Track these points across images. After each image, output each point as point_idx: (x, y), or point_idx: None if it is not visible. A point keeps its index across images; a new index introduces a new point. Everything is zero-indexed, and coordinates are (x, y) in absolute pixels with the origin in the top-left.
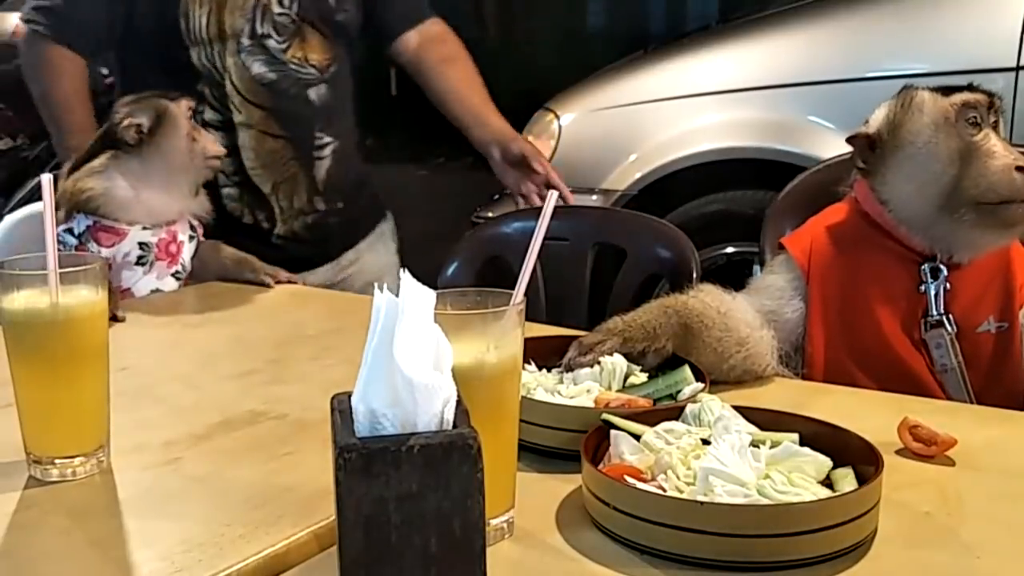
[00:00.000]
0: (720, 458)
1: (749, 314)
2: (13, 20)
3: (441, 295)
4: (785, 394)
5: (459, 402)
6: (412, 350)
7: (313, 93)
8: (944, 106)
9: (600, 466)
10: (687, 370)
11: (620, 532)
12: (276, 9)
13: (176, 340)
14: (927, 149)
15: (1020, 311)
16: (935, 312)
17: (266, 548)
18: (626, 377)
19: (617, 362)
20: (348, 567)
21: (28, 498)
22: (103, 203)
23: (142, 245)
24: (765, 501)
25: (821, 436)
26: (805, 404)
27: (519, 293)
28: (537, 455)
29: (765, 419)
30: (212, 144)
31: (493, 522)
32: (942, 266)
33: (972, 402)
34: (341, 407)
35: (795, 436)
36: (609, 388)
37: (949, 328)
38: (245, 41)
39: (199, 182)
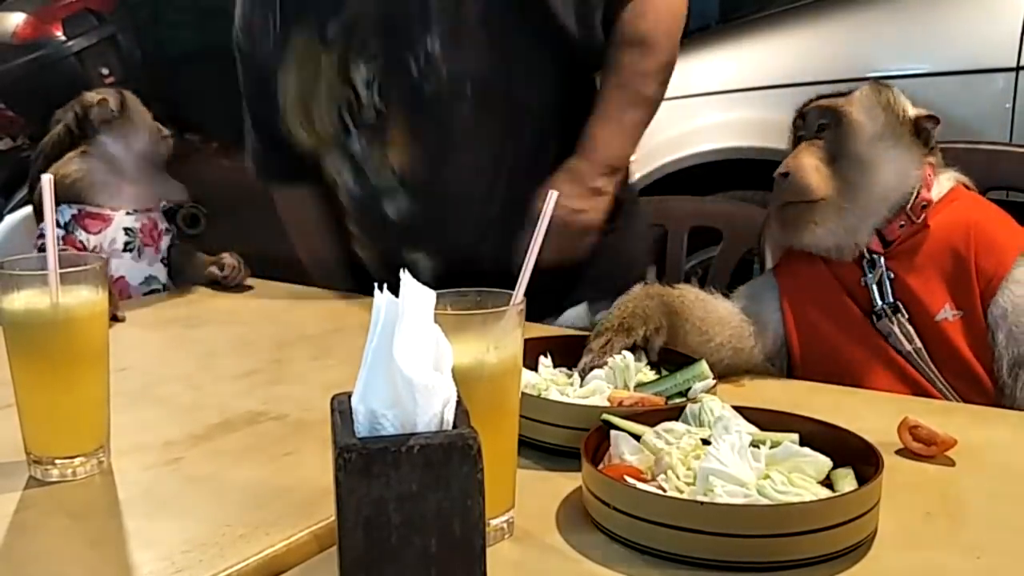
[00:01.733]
0: (720, 458)
1: (727, 309)
2: (13, 20)
3: (441, 295)
4: (785, 394)
5: (459, 402)
6: (412, 350)
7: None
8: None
9: (600, 466)
10: (703, 365)
11: (620, 532)
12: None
13: (176, 340)
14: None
15: (992, 299)
16: (878, 302)
17: (266, 548)
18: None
19: (628, 360)
20: (348, 567)
21: (28, 498)
22: (86, 187)
23: (127, 231)
24: (765, 501)
25: (821, 436)
26: (805, 404)
27: (519, 293)
28: (547, 453)
29: (765, 419)
30: (160, 125)
31: (493, 522)
32: (875, 256)
33: (941, 381)
34: (341, 407)
35: (795, 436)
36: (625, 387)
37: (893, 316)
38: None
39: (160, 164)
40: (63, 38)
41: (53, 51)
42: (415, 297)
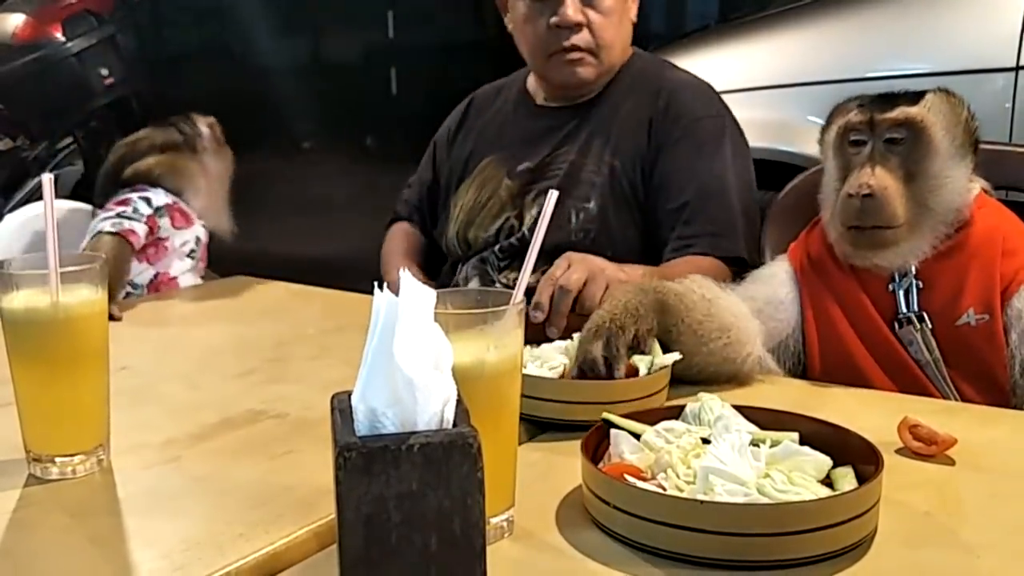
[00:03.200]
0: (720, 457)
1: (737, 305)
2: (13, 21)
3: (441, 295)
4: (785, 394)
5: (459, 401)
6: (412, 349)
7: None
8: (835, 125)
9: (600, 465)
10: (655, 344)
11: (620, 531)
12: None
13: (176, 340)
14: (826, 166)
15: (1009, 302)
16: (903, 310)
17: (265, 547)
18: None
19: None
20: (348, 566)
21: (28, 496)
22: (190, 186)
23: (198, 240)
24: (765, 500)
25: (821, 435)
26: (805, 404)
27: (519, 293)
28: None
29: (765, 418)
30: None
31: (493, 521)
32: (909, 266)
33: (953, 394)
34: (341, 406)
35: (795, 435)
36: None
37: (917, 325)
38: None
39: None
40: (63, 39)
41: (53, 52)
42: (415, 296)
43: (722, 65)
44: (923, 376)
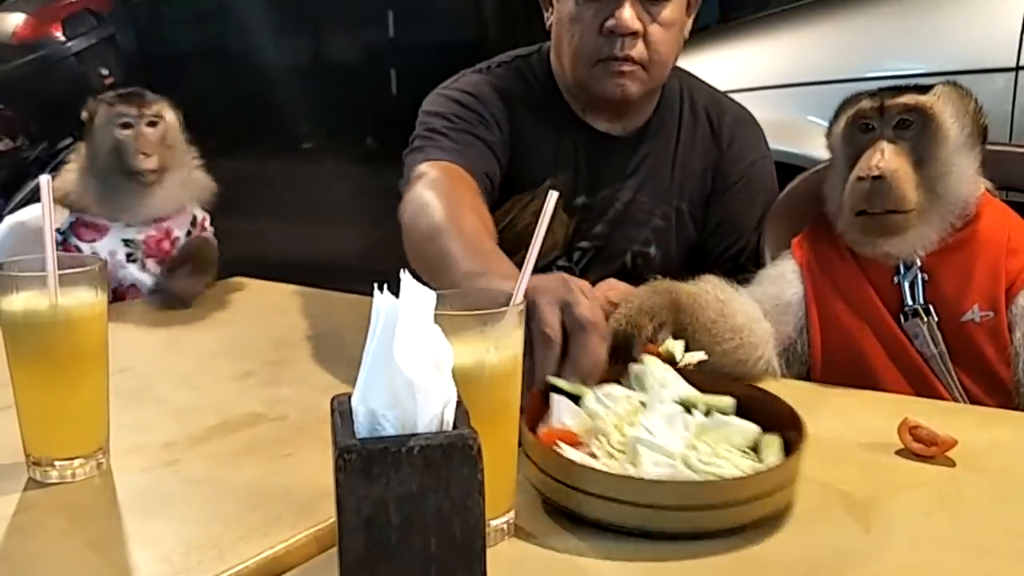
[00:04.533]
0: (650, 428)
1: (749, 305)
2: (13, 20)
3: (441, 295)
4: (784, 394)
5: (459, 403)
6: (412, 351)
7: None
8: (846, 114)
9: (540, 428)
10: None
11: (553, 497)
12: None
13: (176, 341)
14: (836, 156)
15: (1014, 299)
16: (909, 302)
17: (265, 550)
18: None
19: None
20: (348, 568)
21: (27, 500)
22: (76, 199)
23: (127, 242)
24: (689, 474)
25: (753, 401)
26: (805, 404)
27: (519, 293)
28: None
29: (704, 381)
30: (139, 158)
31: (493, 523)
32: (916, 257)
33: (958, 388)
34: (341, 408)
35: (731, 401)
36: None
37: (924, 318)
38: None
39: (137, 193)
40: (63, 38)
41: (53, 51)
42: (415, 298)
43: (722, 65)
44: (928, 370)
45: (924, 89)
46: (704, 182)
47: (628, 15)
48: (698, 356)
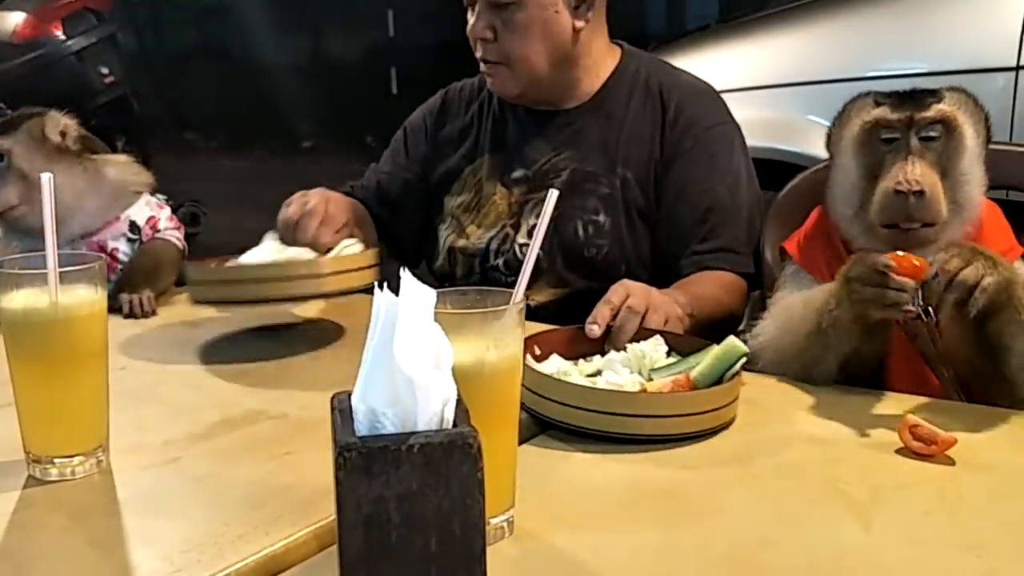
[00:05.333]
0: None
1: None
2: (13, 20)
3: (441, 294)
4: (786, 393)
5: (459, 401)
6: (412, 349)
7: None
8: (862, 120)
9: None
10: (734, 340)
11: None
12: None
13: (176, 340)
14: (844, 163)
15: None
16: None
17: (265, 548)
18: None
19: (644, 348)
20: (348, 566)
21: (27, 497)
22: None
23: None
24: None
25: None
26: (805, 403)
27: (519, 292)
28: (572, 435)
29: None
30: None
31: (493, 521)
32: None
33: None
34: (341, 406)
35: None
36: (640, 373)
37: (925, 318)
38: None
39: (18, 216)
40: (63, 38)
41: (53, 51)
42: (415, 296)
43: (722, 65)
44: (929, 371)
45: (936, 94)
46: (652, 152)
47: (476, 25)
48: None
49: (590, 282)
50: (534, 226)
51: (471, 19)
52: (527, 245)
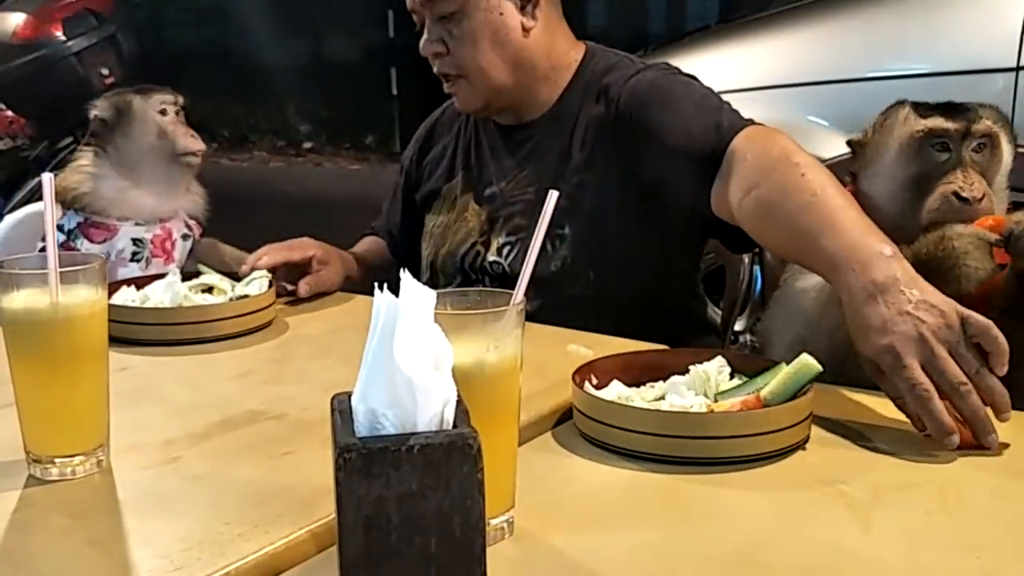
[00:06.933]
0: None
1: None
2: (13, 20)
3: (441, 295)
4: None
5: (459, 402)
6: (412, 350)
7: None
8: (912, 129)
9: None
10: (807, 358)
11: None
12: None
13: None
14: (889, 169)
15: None
16: None
17: (265, 547)
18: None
19: (709, 370)
20: (348, 567)
21: (28, 497)
22: (90, 200)
23: (136, 241)
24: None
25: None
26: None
27: (519, 293)
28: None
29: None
30: (189, 139)
31: (493, 522)
32: None
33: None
34: (341, 407)
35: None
36: (705, 395)
37: None
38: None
39: (181, 178)
40: (63, 38)
41: (53, 51)
42: (415, 297)
43: (722, 65)
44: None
45: (980, 109)
46: (604, 146)
47: (427, 41)
48: None
49: (558, 292)
50: (503, 244)
51: (423, 37)
52: (498, 262)
